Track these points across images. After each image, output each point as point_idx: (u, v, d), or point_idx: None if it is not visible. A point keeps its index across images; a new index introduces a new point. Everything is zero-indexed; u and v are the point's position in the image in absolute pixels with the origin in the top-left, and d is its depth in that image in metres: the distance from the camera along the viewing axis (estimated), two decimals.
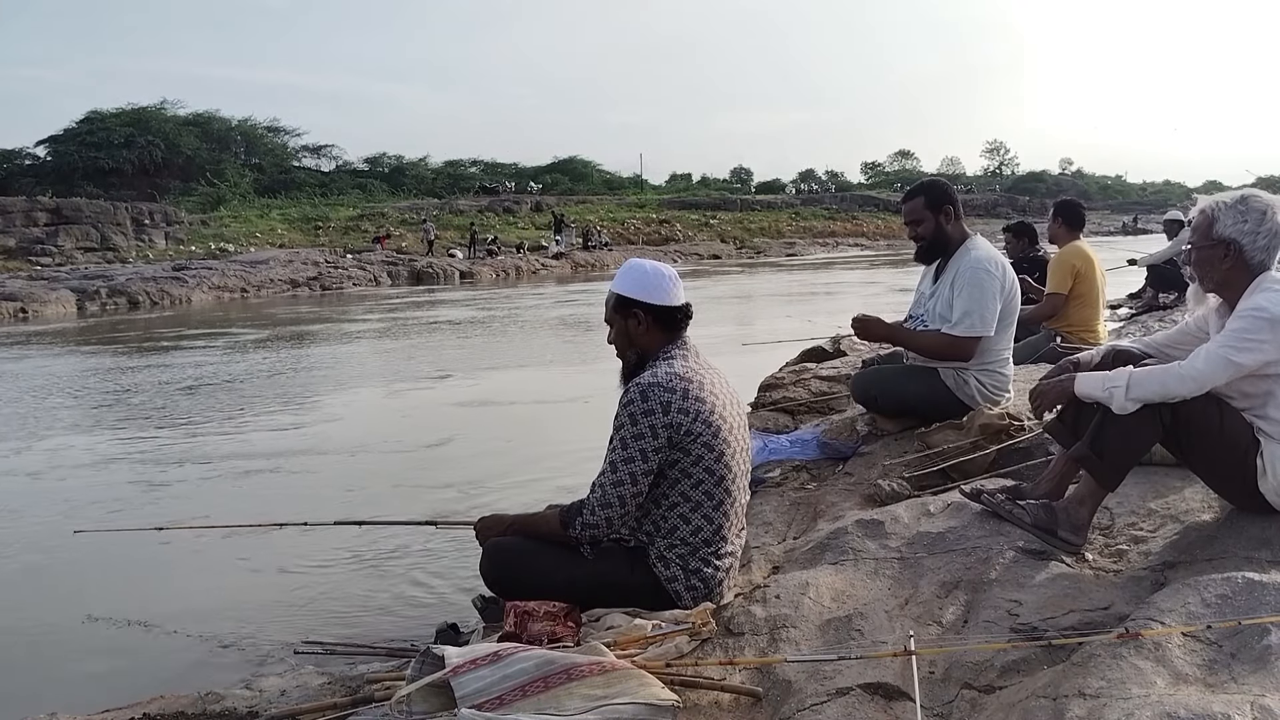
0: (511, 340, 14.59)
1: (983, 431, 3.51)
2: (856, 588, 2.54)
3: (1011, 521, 2.60)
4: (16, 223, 29.36)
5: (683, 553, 2.55)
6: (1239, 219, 2.42)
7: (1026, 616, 2.21)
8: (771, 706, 2.10)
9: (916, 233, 3.87)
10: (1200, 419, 2.39)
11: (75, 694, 3.31)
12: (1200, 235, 2.47)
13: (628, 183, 62.33)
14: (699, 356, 2.66)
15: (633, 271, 2.67)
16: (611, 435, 2.52)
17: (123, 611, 4.08)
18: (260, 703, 2.83)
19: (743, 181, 71.42)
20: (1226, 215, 2.43)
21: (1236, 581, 2.00)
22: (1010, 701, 1.88)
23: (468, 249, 34.95)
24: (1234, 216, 2.42)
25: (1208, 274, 2.48)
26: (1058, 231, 5.88)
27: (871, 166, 79.62)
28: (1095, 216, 52.12)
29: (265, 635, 3.79)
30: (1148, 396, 2.35)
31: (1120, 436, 2.43)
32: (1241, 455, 2.38)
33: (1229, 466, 2.42)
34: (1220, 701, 1.62)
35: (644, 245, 40.44)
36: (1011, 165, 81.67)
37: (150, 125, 46.73)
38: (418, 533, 4.58)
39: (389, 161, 57.10)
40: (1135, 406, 2.36)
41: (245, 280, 25.62)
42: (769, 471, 3.98)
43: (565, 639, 2.41)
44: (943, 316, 3.75)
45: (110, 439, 7.83)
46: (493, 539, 2.69)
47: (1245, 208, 2.42)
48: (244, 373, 11.30)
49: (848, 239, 48.61)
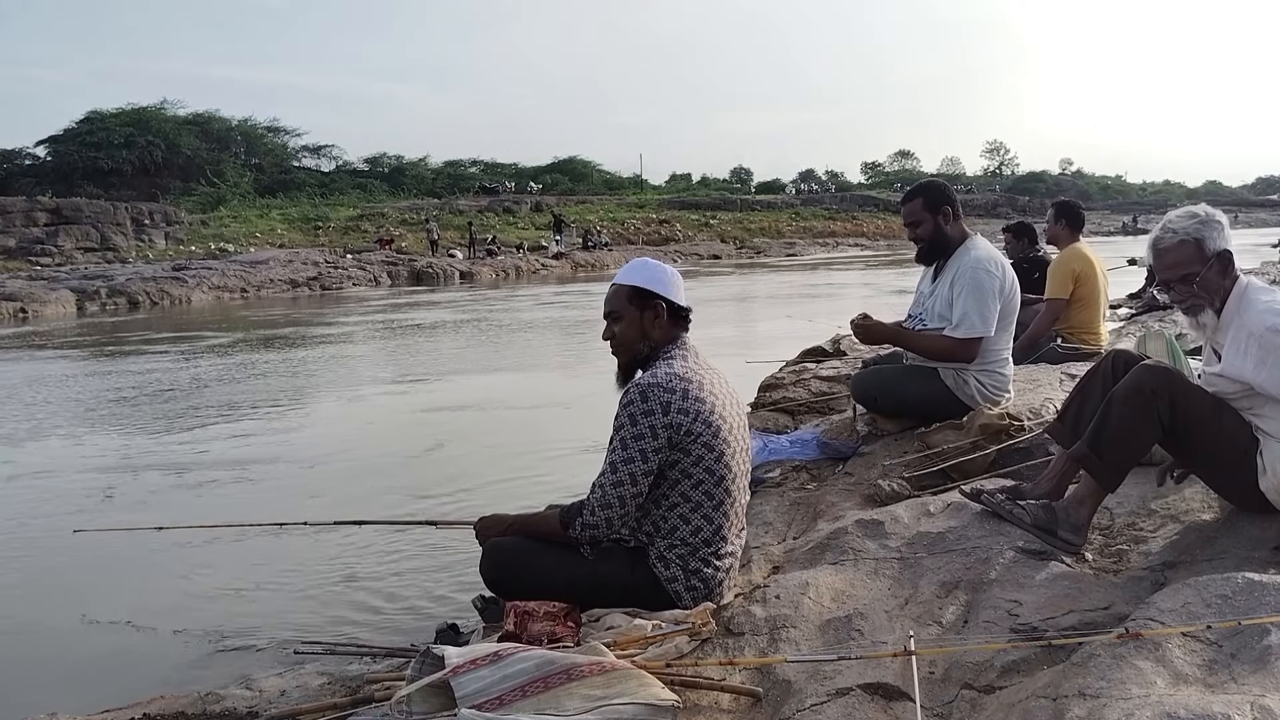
0: (487, 344, 14.19)
1: (983, 431, 3.51)
2: (856, 588, 2.54)
3: (1011, 521, 2.60)
4: (16, 223, 29.39)
5: (683, 553, 2.55)
6: (1214, 229, 2.40)
7: (1026, 616, 2.21)
8: (771, 706, 2.10)
9: (915, 234, 3.87)
10: (1200, 419, 2.39)
11: (75, 694, 3.31)
12: (1194, 260, 2.39)
13: (628, 183, 62.34)
14: (698, 357, 2.66)
15: (647, 266, 2.70)
16: (611, 436, 2.52)
17: (123, 611, 4.08)
18: (260, 703, 2.83)
19: (743, 181, 71.44)
20: (1206, 230, 2.39)
21: (1236, 581, 2.00)
22: (1010, 701, 1.88)
23: (467, 249, 34.95)
24: (1210, 229, 2.40)
25: (1213, 294, 2.41)
26: (1059, 233, 5.81)
27: (871, 166, 79.71)
28: (1095, 216, 52.14)
29: (265, 635, 3.79)
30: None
31: (1120, 437, 2.43)
32: (1241, 454, 2.38)
33: (1229, 466, 2.42)
34: (1220, 701, 1.62)
35: (644, 245, 40.43)
36: (1011, 165, 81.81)
37: (150, 125, 46.74)
38: (417, 533, 4.59)
39: (389, 161, 57.12)
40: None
41: (245, 280, 25.62)
42: (769, 471, 3.98)
43: (565, 639, 2.41)
44: (942, 316, 3.75)
45: (96, 440, 7.84)
46: (493, 539, 2.68)
47: (1206, 218, 2.41)
48: (193, 380, 11.15)
49: (848, 239, 48.60)
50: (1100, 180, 78.39)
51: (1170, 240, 2.42)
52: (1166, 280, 2.46)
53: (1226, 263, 2.41)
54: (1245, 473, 2.38)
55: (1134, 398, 2.40)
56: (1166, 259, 2.44)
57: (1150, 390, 2.38)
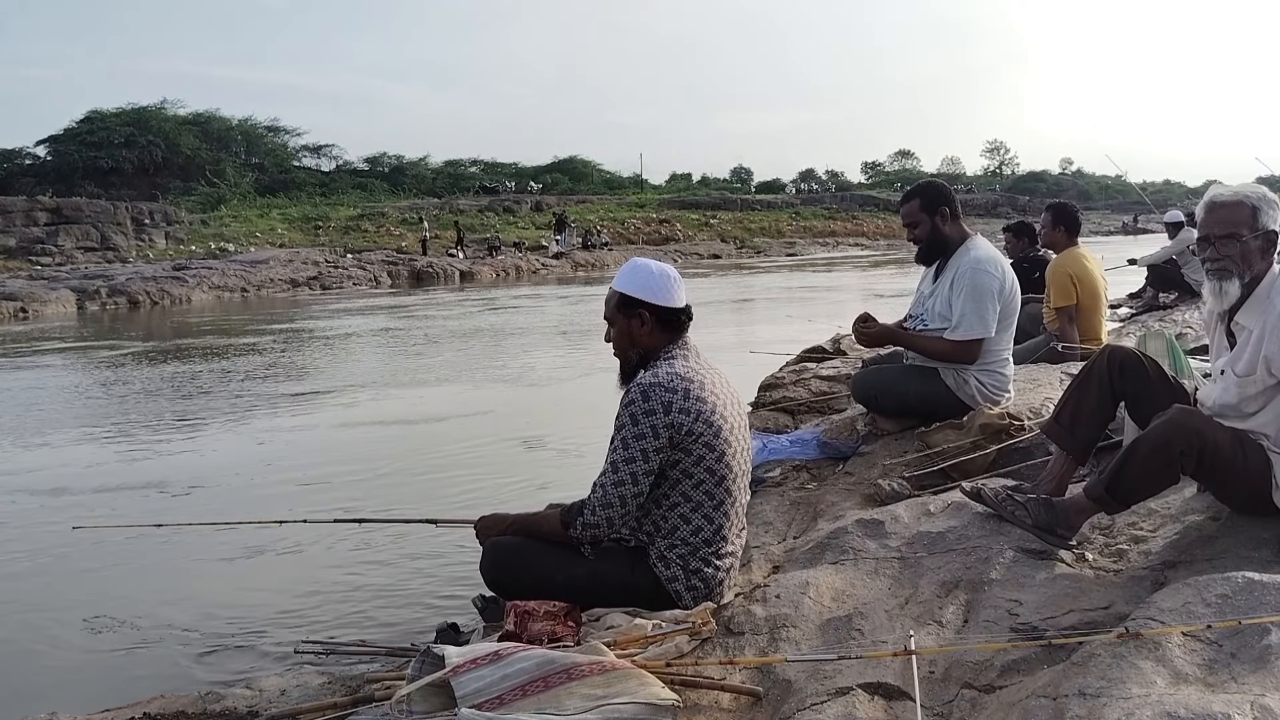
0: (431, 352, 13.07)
1: (983, 431, 3.51)
2: (856, 587, 2.54)
3: (1012, 521, 2.60)
4: (16, 223, 29.35)
5: (683, 553, 2.55)
6: (1273, 207, 2.39)
7: (1026, 616, 2.21)
8: (771, 706, 2.10)
9: (914, 235, 3.88)
10: (1226, 464, 2.36)
11: (75, 694, 3.31)
12: (1245, 224, 2.37)
13: (628, 182, 62.29)
14: (700, 357, 2.66)
15: (638, 271, 2.65)
16: (613, 435, 2.52)
17: (122, 611, 4.08)
18: (260, 703, 2.84)
19: (743, 181, 71.40)
20: (1265, 204, 2.38)
21: (1236, 581, 2.00)
22: (1010, 701, 1.88)
23: (456, 248, 34.71)
24: (1268, 205, 2.38)
25: (1248, 265, 2.38)
26: (1056, 238, 5.72)
27: (871, 166, 79.64)
28: (1095, 216, 52.20)
29: (265, 635, 3.79)
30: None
31: (1138, 486, 2.42)
32: (1258, 478, 2.38)
33: (1247, 490, 2.42)
34: (1220, 701, 1.62)
35: (644, 245, 40.40)
36: (1011, 165, 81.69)
37: (150, 125, 46.68)
38: (417, 532, 4.58)
39: (389, 161, 57.07)
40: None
41: (245, 280, 25.61)
42: (769, 471, 3.98)
43: (565, 639, 2.41)
44: (942, 315, 3.75)
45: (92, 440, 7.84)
46: (493, 538, 2.69)
47: (1268, 194, 2.40)
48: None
49: (848, 239, 48.57)
50: (1100, 180, 78.34)
51: (1229, 197, 2.41)
52: (1210, 235, 2.42)
53: (1271, 243, 2.39)
54: (1261, 490, 2.39)
55: (1159, 454, 2.34)
56: (1219, 213, 2.41)
57: (1179, 451, 2.32)
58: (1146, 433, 2.42)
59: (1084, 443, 2.78)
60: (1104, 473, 2.47)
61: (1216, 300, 2.46)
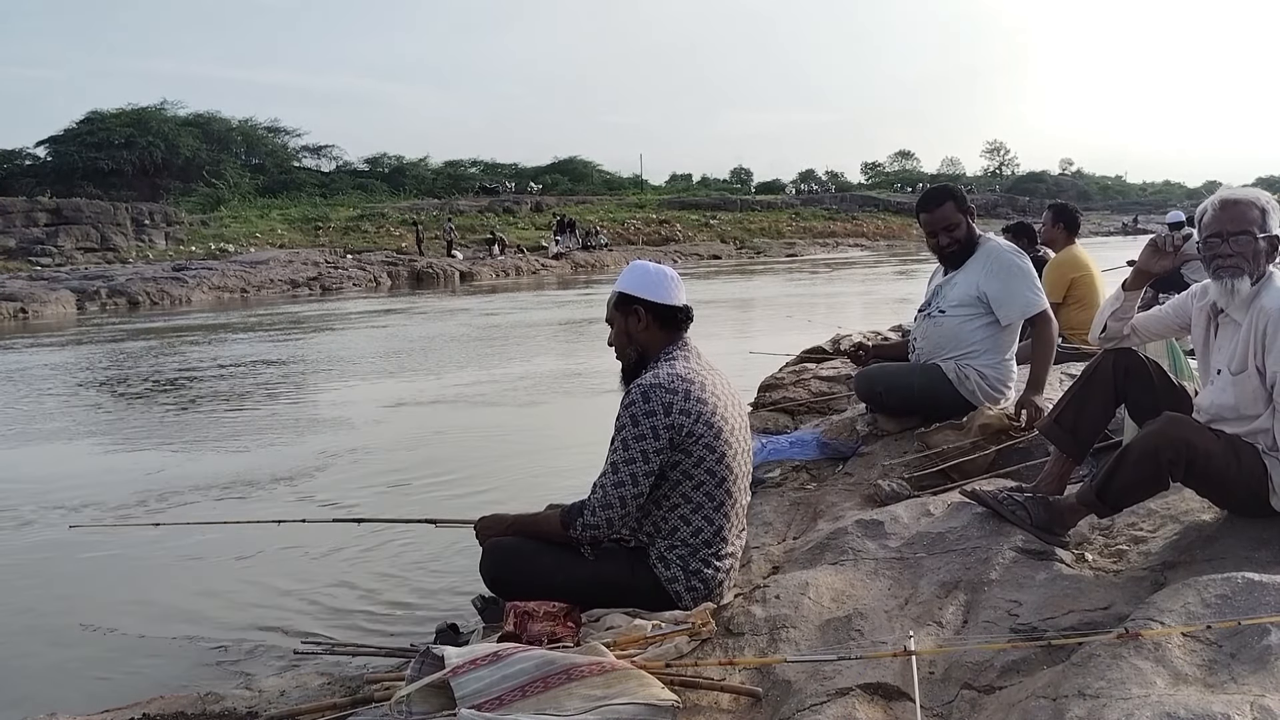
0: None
1: (983, 431, 3.51)
2: (856, 588, 2.54)
3: (1012, 521, 2.61)
4: (16, 223, 29.31)
5: (683, 553, 2.55)
6: (1278, 214, 2.43)
7: (1026, 616, 2.21)
8: (771, 706, 2.10)
9: (952, 237, 3.85)
10: (1219, 471, 2.37)
11: (75, 694, 3.31)
12: (1256, 224, 2.41)
13: (628, 183, 62.20)
14: (700, 358, 2.67)
15: (635, 270, 2.71)
16: (613, 436, 2.53)
17: (121, 611, 4.08)
18: (260, 703, 2.83)
19: (743, 182, 71.30)
20: (1273, 209, 2.43)
21: (1236, 581, 2.00)
22: (1010, 701, 1.88)
23: (446, 249, 34.58)
24: (1276, 211, 2.43)
25: (1256, 265, 2.41)
26: (1055, 236, 5.88)
27: (872, 167, 79.51)
28: (1095, 217, 52.18)
29: (265, 635, 3.79)
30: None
31: (1129, 492, 2.45)
32: (1254, 483, 2.38)
33: (1244, 494, 2.42)
34: (1220, 701, 1.62)
35: (644, 245, 40.36)
36: (1011, 165, 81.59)
37: (150, 126, 46.64)
38: (417, 532, 4.58)
39: (389, 162, 57.00)
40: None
41: (245, 280, 25.61)
42: (769, 471, 3.98)
43: (565, 639, 2.41)
44: (962, 301, 3.79)
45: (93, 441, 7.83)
46: (493, 539, 2.69)
47: (1276, 202, 2.45)
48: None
49: (848, 239, 48.54)
50: (1100, 180, 78.35)
51: (1243, 195, 2.45)
52: (1224, 231, 2.42)
53: (1274, 248, 2.43)
54: (1259, 496, 2.39)
55: (1147, 464, 2.35)
56: (1234, 210, 2.43)
57: (1167, 460, 2.33)
58: (1135, 441, 2.45)
59: (1084, 445, 2.79)
60: (1095, 478, 2.50)
61: (1226, 298, 2.46)
